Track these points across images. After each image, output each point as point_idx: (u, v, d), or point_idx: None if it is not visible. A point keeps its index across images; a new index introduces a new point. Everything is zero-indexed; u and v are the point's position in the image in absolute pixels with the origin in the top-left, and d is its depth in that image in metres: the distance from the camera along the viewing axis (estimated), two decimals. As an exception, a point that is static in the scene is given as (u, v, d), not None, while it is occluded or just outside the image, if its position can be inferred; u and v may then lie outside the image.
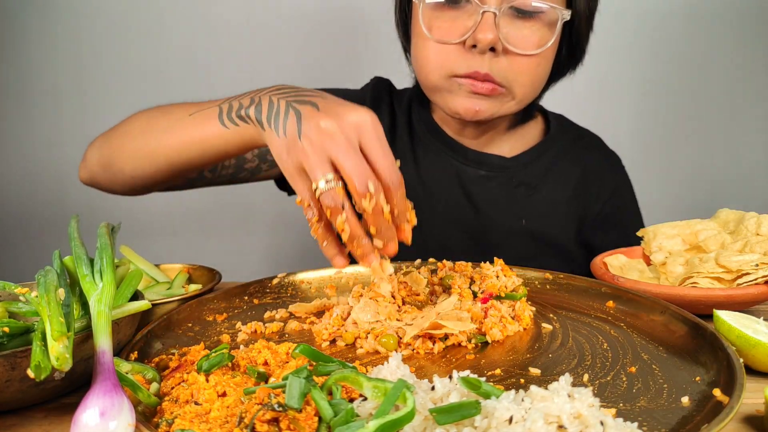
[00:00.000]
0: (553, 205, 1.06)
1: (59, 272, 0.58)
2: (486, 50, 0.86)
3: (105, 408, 0.42)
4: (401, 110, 1.10)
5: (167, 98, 1.80)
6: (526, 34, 0.87)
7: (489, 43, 0.84)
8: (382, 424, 0.38)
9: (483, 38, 0.84)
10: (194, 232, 1.90)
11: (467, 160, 1.05)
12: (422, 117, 1.08)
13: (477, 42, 0.85)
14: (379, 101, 1.10)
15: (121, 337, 0.56)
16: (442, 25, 0.88)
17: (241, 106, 0.71)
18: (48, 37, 1.82)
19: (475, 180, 1.05)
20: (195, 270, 0.86)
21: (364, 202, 0.59)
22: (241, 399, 0.45)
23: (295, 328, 0.68)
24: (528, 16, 0.86)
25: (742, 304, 0.71)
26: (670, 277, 0.80)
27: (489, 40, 0.84)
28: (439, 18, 0.88)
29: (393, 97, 1.12)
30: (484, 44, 0.84)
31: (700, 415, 0.45)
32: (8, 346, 0.53)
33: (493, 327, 0.64)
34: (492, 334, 0.63)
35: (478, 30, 0.84)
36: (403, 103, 1.11)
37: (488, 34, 0.83)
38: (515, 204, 1.05)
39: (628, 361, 0.57)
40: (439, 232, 1.04)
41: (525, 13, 0.86)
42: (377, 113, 1.00)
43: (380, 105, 1.10)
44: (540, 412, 0.39)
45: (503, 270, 0.72)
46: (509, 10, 0.85)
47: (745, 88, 1.83)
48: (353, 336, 0.64)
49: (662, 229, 0.87)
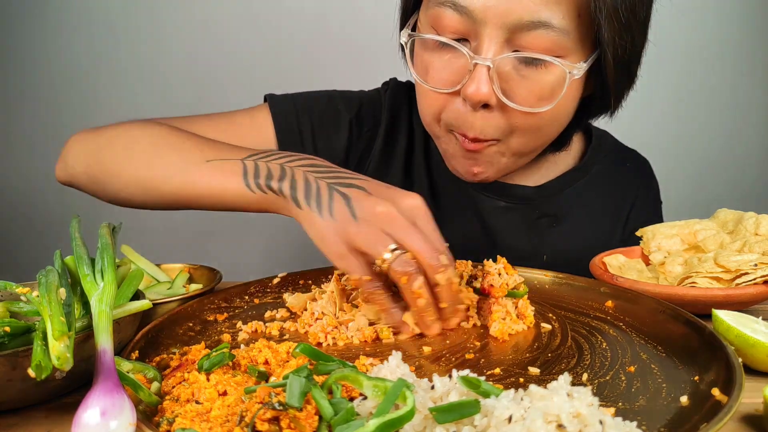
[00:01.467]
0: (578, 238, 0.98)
1: (60, 272, 0.58)
2: (478, 107, 0.75)
3: (106, 408, 0.42)
4: (420, 128, 1.00)
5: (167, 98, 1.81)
6: (529, 85, 0.74)
7: (479, 102, 0.73)
8: (382, 422, 0.38)
9: (473, 94, 0.72)
10: (195, 231, 1.90)
11: (486, 190, 0.98)
12: None
13: (466, 97, 0.74)
14: (398, 115, 1.01)
15: (122, 337, 0.57)
16: (434, 68, 0.77)
17: (271, 175, 0.68)
18: (49, 37, 1.82)
19: (493, 211, 0.98)
20: (196, 270, 0.86)
21: (438, 276, 0.60)
22: (242, 398, 0.45)
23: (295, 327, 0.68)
24: (535, 63, 0.73)
25: (741, 304, 0.71)
26: (669, 277, 0.80)
27: (479, 98, 0.72)
28: (433, 60, 0.77)
29: (412, 108, 1.01)
30: (474, 101, 0.73)
31: (699, 415, 0.45)
32: (9, 346, 0.53)
33: (495, 322, 0.64)
34: (493, 328, 0.64)
35: (468, 84, 0.72)
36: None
37: (480, 89, 0.71)
38: (536, 237, 0.98)
39: (627, 360, 0.57)
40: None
41: (532, 61, 0.73)
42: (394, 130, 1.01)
43: (398, 121, 1.01)
44: (539, 411, 0.39)
45: (505, 268, 0.72)
46: (511, 59, 0.72)
47: (745, 88, 1.84)
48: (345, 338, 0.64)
49: (661, 229, 0.87)
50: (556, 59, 0.72)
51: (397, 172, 1.01)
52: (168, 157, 0.76)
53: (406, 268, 0.60)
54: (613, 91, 0.80)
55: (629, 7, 0.72)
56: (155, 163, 0.77)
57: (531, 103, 0.74)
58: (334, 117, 0.98)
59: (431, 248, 0.60)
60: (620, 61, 0.75)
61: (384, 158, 1.00)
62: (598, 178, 1.00)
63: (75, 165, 0.85)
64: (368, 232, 0.60)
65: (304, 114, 0.96)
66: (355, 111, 0.99)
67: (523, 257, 0.94)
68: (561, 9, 0.70)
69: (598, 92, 0.83)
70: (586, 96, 0.83)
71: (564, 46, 0.72)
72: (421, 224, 0.62)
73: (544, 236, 0.99)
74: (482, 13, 0.70)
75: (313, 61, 1.81)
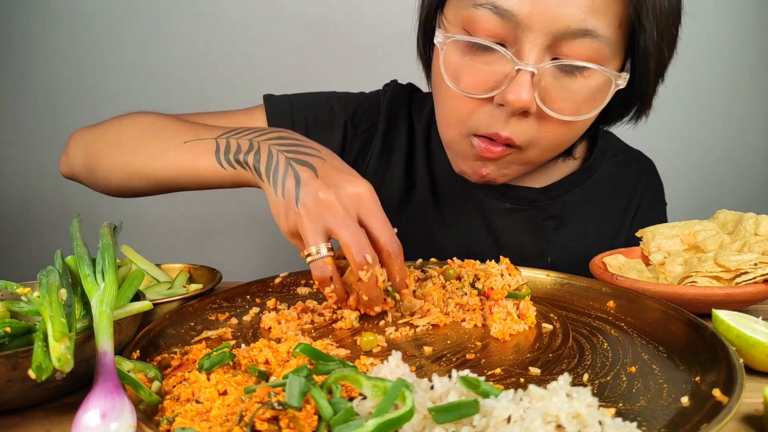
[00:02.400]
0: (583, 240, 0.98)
1: (61, 272, 0.58)
2: (517, 113, 0.73)
3: (106, 409, 0.42)
4: (421, 126, 1.00)
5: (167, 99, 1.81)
6: (569, 95, 0.73)
7: (522, 108, 0.71)
8: (381, 422, 0.38)
9: (515, 100, 0.70)
10: (195, 232, 1.90)
11: (491, 191, 0.97)
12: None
13: (507, 103, 0.71)
14: (396, 117, 1.00)
15: (123, 338, 0.57)
16: (468, 72, 0.74)
17: (239, 149, 0.70)
18: (48, 37, 1.82)
19: (498, 213, 0.97)
20: (196, 270, 0.86)
21: (361, 273, 0.62)
22: (242, 397, 0.45)
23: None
24: (576, 71, 0.72)
25: (741, 303, 0.71)
26: (669, 277, 0.80)
27: (521, 105, 0.70)
28: (466, 64, 0.74)
29: (412, 109, 1.01)
30: (515, 108, 0.71)
31: (700, 415, 0.45)
32: (10, 346, 0.53)
33: (495, 323, 0.64)
34: (493, 329, 0.64)
35: (509, 90, 0.70)
36: (423, 117, 1.01)
37: (522, 95, 0.69)
38: (541, 239, 0.98)
39: (628, 360, 0.57)
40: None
41: (572, 68, 0.71)
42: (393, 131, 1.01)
43: (396, 121, 1.00)
44: (538, 411, 0.39)
45: (508, 268, 0.72)
46: (552, 68, 0.71)
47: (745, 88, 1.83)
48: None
49: (661, 229, 0.87)
50: (602, 68, 0.71)
51: (397, 174, 1.01)
52: (151, 141, 0.80)
53: (318, 273, 0.63)
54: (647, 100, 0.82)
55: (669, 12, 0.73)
56: (140, 148, 0.80)
57: (569, 111, 0.73)
58: (328, 117, 0.98)
59: (358, 242, 0.61)
60: (658, 68, 0.76)
61: (383, 159, 1.01)
62: (603, 180, 1.00)
63: (75, 158, 0.89)
64: (305, 221, 0.62)
65: (299, 114, 0.97)
66: (351, 112, 0.99)
67: (528, 259, 0.95)
68: (607, 18, 0.69)
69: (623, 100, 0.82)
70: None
71: (604, 55, 0.71)
72: (364, 213, 0.63)
73: (549, 238, 0.98)
74: (527, 19, 0.68)
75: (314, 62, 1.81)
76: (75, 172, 0.91)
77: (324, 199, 0.62)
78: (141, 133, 0.82)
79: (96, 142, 0.86)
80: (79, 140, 0.90)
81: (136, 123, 0.84)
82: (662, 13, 0.71)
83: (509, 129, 0.75)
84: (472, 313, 0.69)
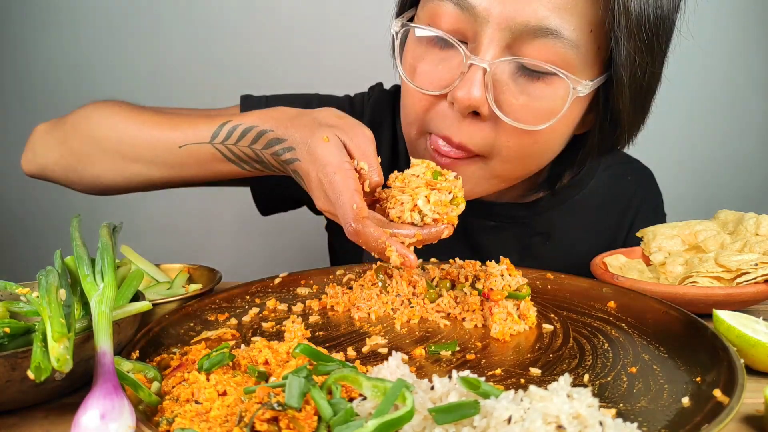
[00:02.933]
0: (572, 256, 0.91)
1: (60, 272, 0.58)
2: (466, 114, 0.68)
3: (105, 410, 0.42)
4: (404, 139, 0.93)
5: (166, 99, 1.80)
6: (527, 100, 0.67)
7: (468, 107, 0.66)
8: (381, 423, 0.38)
9: (462, 98, 0.65)
10: (195, 232, 1.90)
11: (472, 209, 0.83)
12: None
13: (455, 101, 0.67)
14: (379, 124, 0.94)
15: (122, 338, 0.56)
16: (425, 68, 0.70)
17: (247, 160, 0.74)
18: (48, 37, 1.82)
19: (482, 231, 0.92)
20: (195, 270, 0.86)
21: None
22: (241, 398, 0.45)
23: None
24: (536, 75, 0.66)
25: (742, 303, 0.71)
26: (670, 277, 0.80)
27: (468, 103, 0.66)
28: (424, 59, 0.70)
29: (395, 116, 0.95)
30: (463, 105, 0.66)
31: (700, 416, 0.45)
32: (9, 347, 0.53)
33: (496, 323, 0.64)
34: (494, 330, 0.64)
35: (458, 87, 0.66)
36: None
37: (472, 92, 0.65)
38: (529, 256, 0.92)
39: (629, 361, 0.57)
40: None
41: (533, 72, 0.66)
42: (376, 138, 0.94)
43: (380, 128, 0.94)
44: (539, 412, 0.39)
45: (508, 269, 0.72)
46: (510, 65, 0.66)
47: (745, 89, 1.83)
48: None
49: (661, 229, 0.87)
50: (561, 71, 0.65)
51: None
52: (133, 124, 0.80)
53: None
54: (626, 122, 0.72)
55: (653, 25, 0.65)
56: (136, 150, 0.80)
57: (526, 119, 0.67)
58: None
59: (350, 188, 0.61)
60: (637, 87, 0.68)
61: None
62: (595, 193, 0.93)
63: (46, 155, 0.86)
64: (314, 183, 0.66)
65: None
66: None
67: None
68: (573, 20, 0.63)
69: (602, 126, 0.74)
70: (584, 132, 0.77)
71: (570, 62, 0.65)
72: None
73: (538, 255, 0.92)
74: (486, 11, 0.64)
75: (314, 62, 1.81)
76: (46, 170, 0.87)
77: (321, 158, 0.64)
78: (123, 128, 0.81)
79: (69, 141, 0.84)
80: (47, 138, 0.87)
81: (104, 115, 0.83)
82: (641, 23, 0.64)
83: (463, 134, 0.69)
84: (472, 314, 0.69)
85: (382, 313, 0.72)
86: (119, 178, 0.83)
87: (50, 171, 0.87)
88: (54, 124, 0.88)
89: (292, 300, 0.77)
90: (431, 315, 0.70)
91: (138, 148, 0.80)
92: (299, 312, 0.73)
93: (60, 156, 0.85)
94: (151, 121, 0.80)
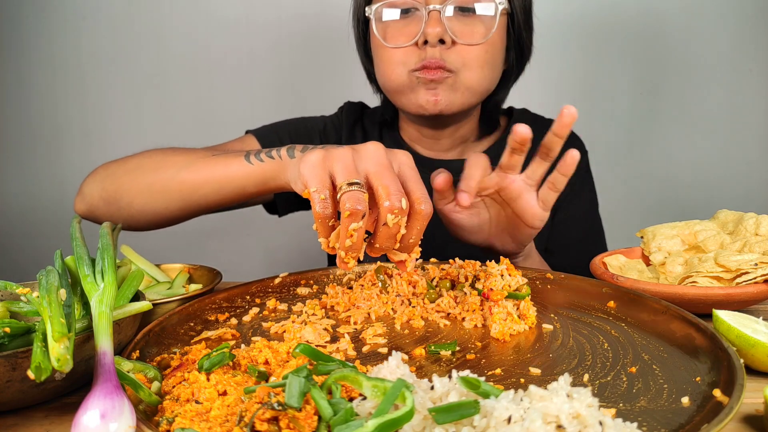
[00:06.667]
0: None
1: (61, 272, 0.58)
2: (436, 43, 0.94)
3: (106, 410, 0.42)
4: (373, 130, 1.16)
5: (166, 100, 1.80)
6: (470, 27, 0.96)
7: (437, 36, 0.93)
8: (381, 423, 0.38)
9: (432, 32, 0.93)
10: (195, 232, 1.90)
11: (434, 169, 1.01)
12: (392, 138, 1.14)
13: (427, 37, 0.94)
14: (353, 128, 1.17)
15: (122, 338, 0.57)
16: (394, 33, 0.97)
17: (271, 150, 0.80)
18: (49, 39, 1.82)
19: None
20: (195, 270, 0.86)
21: (389, 217, 0.59)
22: (242, 398, 0.45)
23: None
24: (470, 13, 0.96)
25: (741, 303, 0.71)
26: (670, 277, 0.80)
27: (437, 33, 0.93)
28: (391, 28, 0.98)
29: (364, 118, 1.19)
30: (433, 37, 0.93)
31: (700, 416, 0.45)
32: (9, 347, 0.53)
33: (496, 323, 0.64)
34: (493, 330, 0.64)
35: (426, 26, 0.94)
36: (375, 123, 1.17)
37: (436, 28, 0.93)
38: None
39: (628, 361, 0.57)
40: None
41: (467, 10, 0.95)
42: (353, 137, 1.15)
43: (353, 131, 1.16)
44: (538, 411, 0.39)
45: (508, 269, 0.72)
46: (452, 9, 0.95)
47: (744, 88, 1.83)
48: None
49: (661, 229, 0.87)
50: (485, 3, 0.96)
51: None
52: (176, 159, 0.88)
53: (354, 204, 0.57)
54: (527, 37, 1.04)
55: None
56: (166, 166, 0.88)
57: (473, 38, 0.96)
58: (307, 134, 1.16)
59: (399, 189, 0.60)
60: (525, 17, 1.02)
61: None
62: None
63: (91, 194, 0.93)
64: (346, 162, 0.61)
65: (285, 136, 1.13)
66: (321, 128, 1.17)
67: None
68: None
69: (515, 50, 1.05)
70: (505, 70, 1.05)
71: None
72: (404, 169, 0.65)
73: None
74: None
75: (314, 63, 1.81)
76: (93, 208, 0.93)
77: (369, 150, 0.63)
78: (162, 155, 0.90)
79: (115, 173, 0.92)
80: (95, 177, 0.94)
81: (156, 151, 0.93)
82: None
83: (437, 57, 0.95)
84: (472, 314, 0.69)
85: (382, 313, 0.72)
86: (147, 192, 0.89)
87: (96, 207, 0.94)
88: (101, 166, 0.96)
89: (292, 300, 0.77)
90: (431, 315, 0.71)
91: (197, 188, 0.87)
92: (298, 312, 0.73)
93: (102, 190, 0.93)
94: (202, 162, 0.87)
